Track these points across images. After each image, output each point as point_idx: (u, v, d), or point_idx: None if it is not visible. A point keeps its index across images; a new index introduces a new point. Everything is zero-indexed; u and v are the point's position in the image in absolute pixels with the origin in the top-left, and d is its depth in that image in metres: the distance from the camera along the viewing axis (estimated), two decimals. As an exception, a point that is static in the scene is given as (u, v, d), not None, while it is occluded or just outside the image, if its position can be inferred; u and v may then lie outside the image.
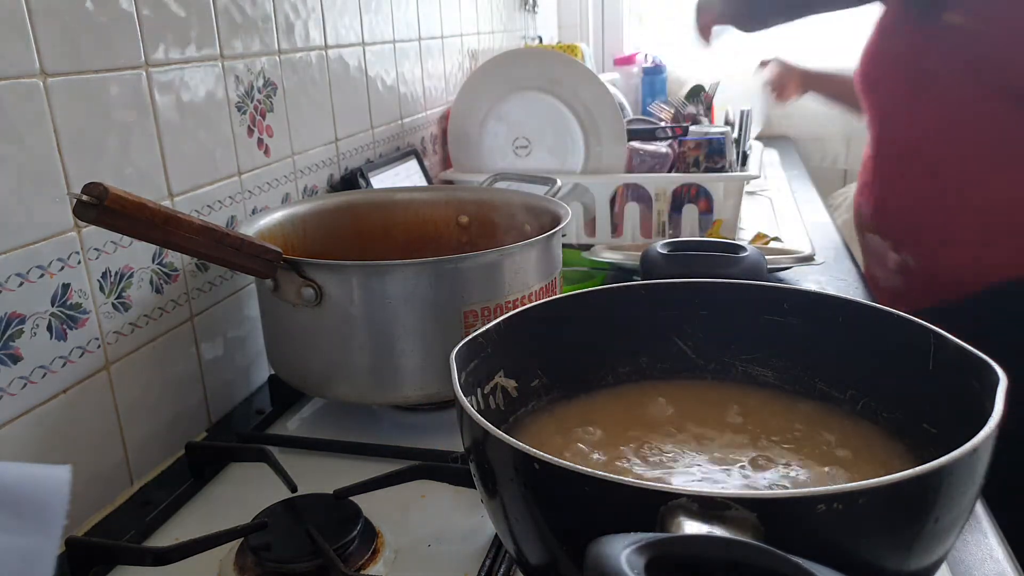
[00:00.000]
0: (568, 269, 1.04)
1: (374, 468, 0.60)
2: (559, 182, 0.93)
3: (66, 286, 0.58)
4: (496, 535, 0.53)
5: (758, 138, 1.51)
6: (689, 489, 0.32)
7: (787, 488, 0.45)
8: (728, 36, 1.28)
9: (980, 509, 0.58)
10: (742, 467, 0.48)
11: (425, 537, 0.56)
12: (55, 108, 0.56)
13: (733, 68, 1.67)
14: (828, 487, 0.32)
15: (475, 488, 0.44)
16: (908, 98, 1.04)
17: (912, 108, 1.03)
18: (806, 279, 1.06)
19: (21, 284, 0.54)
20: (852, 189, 1.43)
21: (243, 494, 0.63)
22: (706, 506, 0.32)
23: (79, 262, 0.59)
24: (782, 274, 1.04)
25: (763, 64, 1.50)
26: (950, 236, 1.00)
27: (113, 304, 0.63)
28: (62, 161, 0.57)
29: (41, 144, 0.56)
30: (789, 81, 1.58)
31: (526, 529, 0.39)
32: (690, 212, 1.14)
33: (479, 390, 0.50)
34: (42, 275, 0.56)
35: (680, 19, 1.45)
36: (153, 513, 0.60)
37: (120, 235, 0.58)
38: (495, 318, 0.52)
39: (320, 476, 0.61)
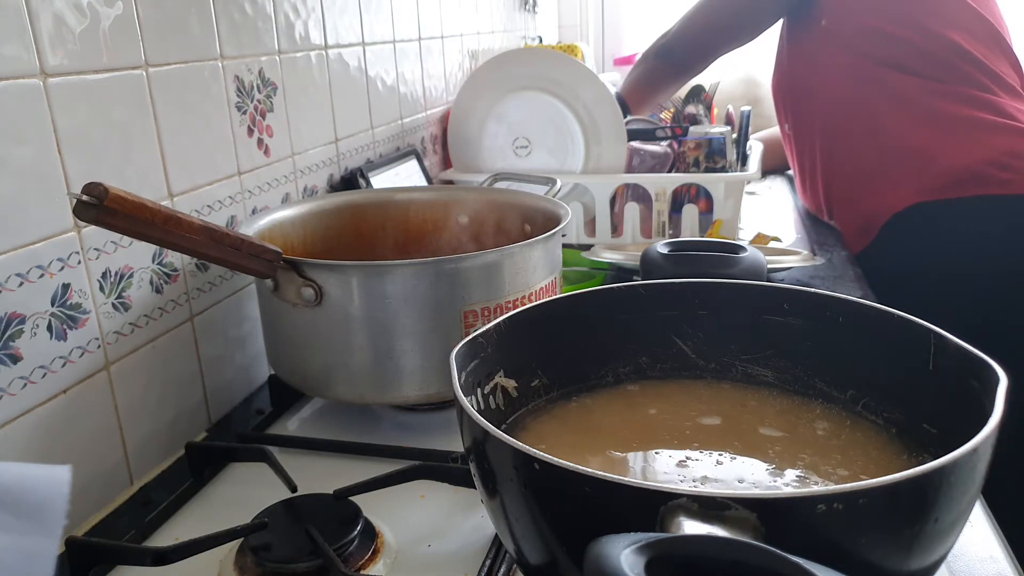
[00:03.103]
0: (568, 269, 1.04)
1: (374, 468, 0.60)
2: (559, 182, 0.93)
3: (66, 286, 0.58)
4: (496, 535, 0.53)
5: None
6: (689, 489, 0.32)
7: (787, 488, 0.45)
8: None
9: (980, 509, 0.58)
10: (742, 467, 0.48)
11: (425, 537, 0.56)
12: (55, 108, 0.56)
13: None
14: (828, 487, 0.32)
15: (475, 488, 0.44)
16: (807, 94, 1.28)
17: (811, 101, 1.28)
18: (806, 279, 1.06)
19: (21, 284, 0.54)
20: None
21: (243, 494, 0.63)
22: (706, 506, 0.32)
23: (79, 262, 0.59)
24: (782, 274, 1.04)
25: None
26: (859, 188, 1.22)
27: (113, 304, 0.63)
28: (62, 161, 0.57)
29: (41, 144, 0.56)
30: None
31: (526, 529, 0.39)
32: (690, 212, 1.14)
33: (479, 390, 0.50)
34: (42, 275, 0.56)
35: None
36: (153, 513, 0.60)
37: (120, 235, 0.58)
38: (495, 318, 0.52)
39: (320, 476, 0.61)
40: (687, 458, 0.49)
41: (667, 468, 0.48)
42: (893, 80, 1.17)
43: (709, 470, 0.48)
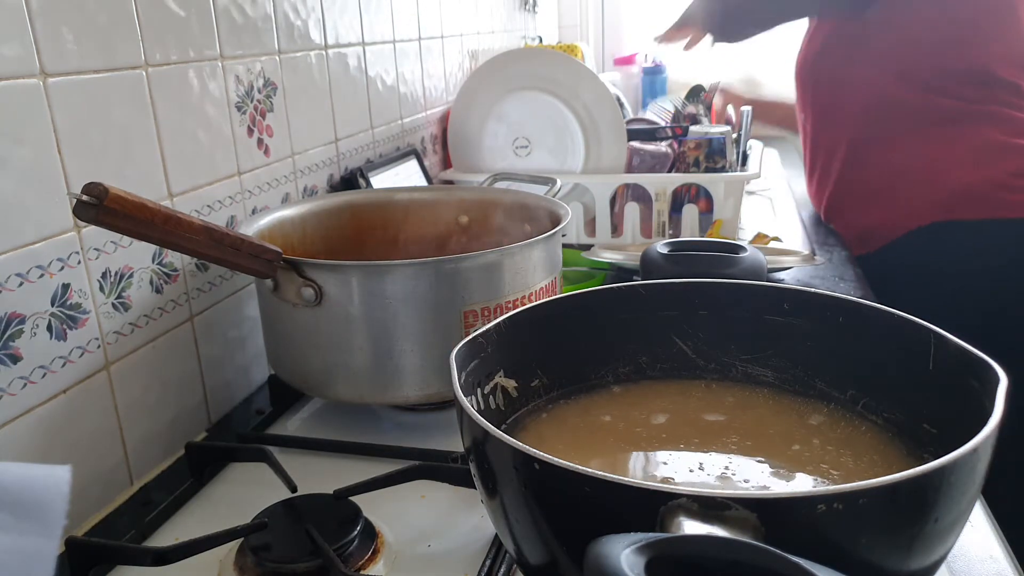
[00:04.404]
0: (568, 269, 1.04)
1: (374, 468, 0.60)
2: (559, 182, 0.93)
3: (66, 286, 0.58)
4: (496, 535, 0.53)
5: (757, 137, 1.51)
6: (689, 489, 0.32)
7: (787, 488, 0.45)
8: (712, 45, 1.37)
9: (980, 509, 0.58)
10: (742, 467, 0.48)
11: (425, 537, 0.56)
12: (55, 108, 0.56)
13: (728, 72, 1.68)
14: (828, 487, 0.32)
15: (475, 488, 0.44)
16: (834, 89, 1.26)
17: (837, 99, 1.25)
18: (806, 279, 1.06)
19: (21, 284, 0.54)
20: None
21: (243, 494, 0.63)
22: (706, 506, 0.32)
23: (79, 262, 0.59)
24: (782, 274, 1.04)
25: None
26: (865, 204, 1.23)
27: (113, 304, 0.63)
28: (62, 161, 0.57)
29: (41, 144, 0.56)
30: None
31: (526, 529, 0.39)
32: (690, 212, 1.14)
33: (479, 390, 0.50)
34: (42, 275, 0.56)
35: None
36: (153, 513, 0.60)
37: (120, 235, 0.58)
38: (495, 318, 0.52)
39: (320, 476, 0.61)
40: (687, 457, 0.49)
41: (667, 467, 0.48)
42: (913, 99, 1.16)
43: (710, 469, 0.48)
